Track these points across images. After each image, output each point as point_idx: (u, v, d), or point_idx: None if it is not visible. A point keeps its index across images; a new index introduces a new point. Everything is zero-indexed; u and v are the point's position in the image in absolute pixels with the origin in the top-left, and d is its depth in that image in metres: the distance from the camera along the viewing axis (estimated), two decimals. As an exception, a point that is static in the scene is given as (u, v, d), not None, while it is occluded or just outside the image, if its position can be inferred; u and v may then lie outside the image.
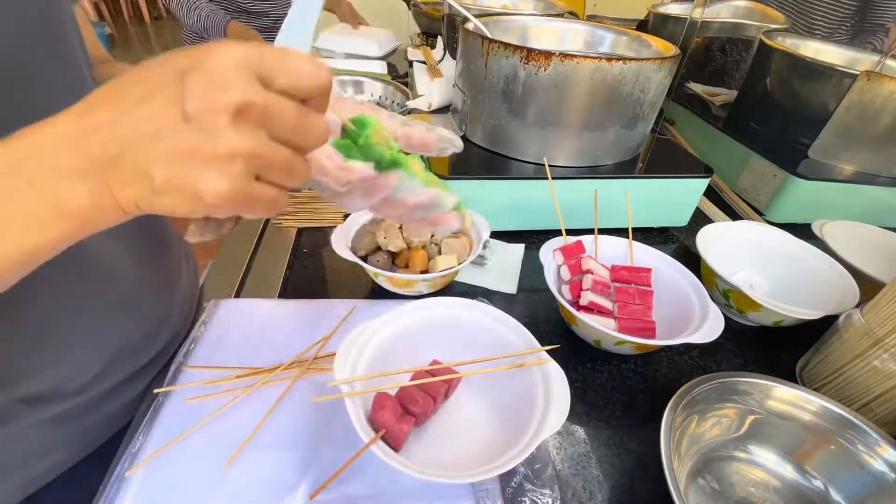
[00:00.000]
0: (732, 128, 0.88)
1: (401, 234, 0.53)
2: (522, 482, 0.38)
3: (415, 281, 0.52)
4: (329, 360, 0.45)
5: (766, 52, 0.85)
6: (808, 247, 0.60)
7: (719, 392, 0.42)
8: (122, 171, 0.21)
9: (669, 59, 0.61)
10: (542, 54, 0.57)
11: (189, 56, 0.21)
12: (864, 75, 0.67)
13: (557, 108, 0.61)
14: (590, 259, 0.54)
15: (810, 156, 0.76)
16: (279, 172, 0.23)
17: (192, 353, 0.46)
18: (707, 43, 1.06)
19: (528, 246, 0.67)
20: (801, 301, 0.52)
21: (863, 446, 0.40)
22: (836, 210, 0.74)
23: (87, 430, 0.42)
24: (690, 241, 0.72)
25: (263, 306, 0.52)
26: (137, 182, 0.21)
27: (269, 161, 0.22)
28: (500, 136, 0.67)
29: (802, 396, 0.42)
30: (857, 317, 0.45)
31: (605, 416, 0.46)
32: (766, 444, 0.43)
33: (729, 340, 0.55)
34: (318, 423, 0.41)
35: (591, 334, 0.49)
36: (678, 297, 0.52)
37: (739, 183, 0.83)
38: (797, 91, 0.80)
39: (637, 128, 0.66)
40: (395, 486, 0.37)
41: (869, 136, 0.73)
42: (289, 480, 0.36)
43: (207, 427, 0.39)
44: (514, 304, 0.58)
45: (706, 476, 0.41)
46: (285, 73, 0.22)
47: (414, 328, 0.44)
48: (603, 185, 0.64)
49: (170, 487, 0.36)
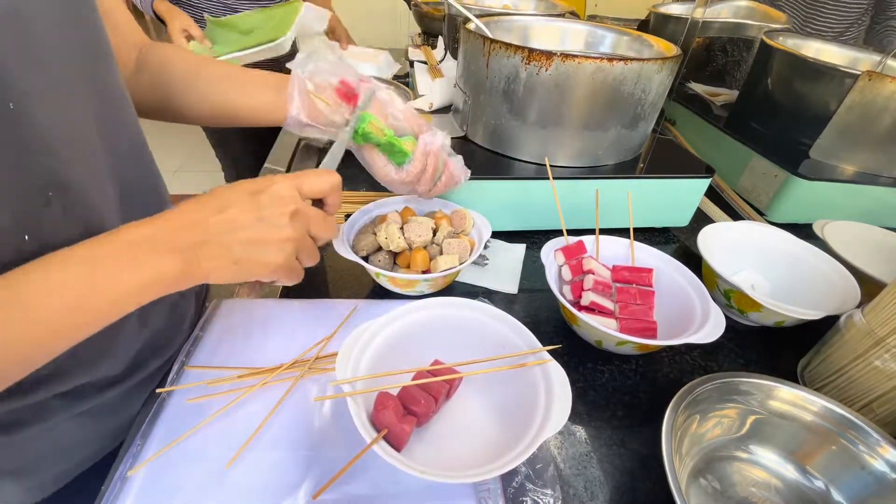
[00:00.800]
0: (733, 128, 0.88)
1: (402, 235, 0.53)
2: (524, 482, 0.38)
3: (416, 281, 0.52)
4: (330, 360, 0.46)
5: (768, 52, 0.85)
6: (809, 247, 0.60)
7: (721, 392, 0.42)
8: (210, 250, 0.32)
9: (670, 59, 0.61)
10: (543, 54, 0.57)
11: (254, 184, 0.35)
12: (866, 75, 0.67)
13: (558, 108, 0.61)
14: (591, 259, 0.54)
15: (811, 156, 0.76)
16: (306, 254, 0.38)
17: (193, 353, 0.46)
18: (708, 43, 1.06)
19: (530, 246, 0.67)
20: (803, 301, 0.52)
21: (864, 447, 0.40)
22: (838, 210, 0.74)
23: (115, 425, 0.44)
24: (691, 242, 0.72)
25: (265, 306, 0.52)
26: (221, 257, 0.33)
27: (304, 246, 0.37)
28: (501, 136, 0.67)
29: (804, 397, 0.42)
30: (858, 317, 0.45)
31: (607, 416, 0.46)
32: (768, 444, 0.43)
33: (730, 341, 0.55)
34: (320, 423, 0.41)
35: (593, 334, 0.49)
36: (679, 297, 0.52)
37: (740, 183, 0.83)
38: (798, 91, 0.80)
39: (638, 128, 0.66)
40: (397, 485, 0.37)
41: (870, 136, 0.73)
42: (290, 480, 0.37)
43: (209, 427, 0.39)
44: (515, 304, 0.58)
45: (707, 476, 0.41)
46: (310, 186, 0.38)
47: (415, 328, 0.44)
48: (604, 185, 0.64)
49: (172, 487, 0.36)
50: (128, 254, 0.30)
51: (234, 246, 0.33)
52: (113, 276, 0.29)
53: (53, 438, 0.40)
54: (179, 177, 2.63)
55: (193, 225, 0.32)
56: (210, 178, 2.58)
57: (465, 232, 0.58)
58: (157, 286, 0.31)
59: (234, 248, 0.33)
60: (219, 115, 0.50)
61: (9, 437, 0.37)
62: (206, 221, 0.33)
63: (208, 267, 0.32)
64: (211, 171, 2.65)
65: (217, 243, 0.32)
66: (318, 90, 0.48)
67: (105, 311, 0.29)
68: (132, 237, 0.30)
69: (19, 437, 0.37)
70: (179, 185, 2.55)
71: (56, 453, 0.41)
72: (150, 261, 0.30)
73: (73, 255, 0.29)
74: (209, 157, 1.50)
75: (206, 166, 2.69)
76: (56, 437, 0.40)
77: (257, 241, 0.34)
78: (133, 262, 0.30)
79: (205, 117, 0.50)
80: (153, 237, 0.31)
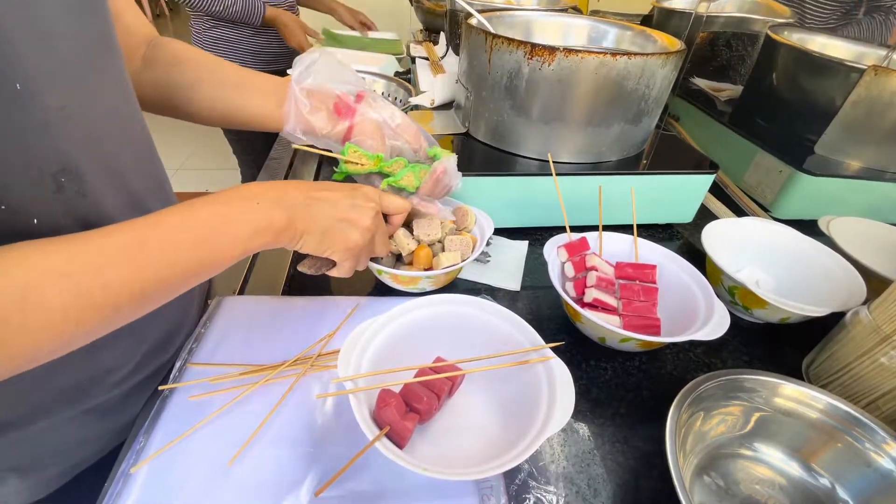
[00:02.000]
0: (738, 123, 0.87)
1: (411, 236, 0.53)
2: (527, 479, 0.38)
3: (418, 278, 0.51)
4: (333, 357, 0.45)
5: (772, 47, 0.84)
6: (814, 243, 0.59)
7: (726, 389, 0.41)
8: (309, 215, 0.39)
9: (674, 53, 0.61)
10: (546, 49, 0.57)
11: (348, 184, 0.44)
12: (872, 70, 0.67)
13: (561, 103, 0.61)
14: (594, 256, 0.53)
15: (817, 151, 0.76)
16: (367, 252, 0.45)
17: (195, 350, 0.46)
18: (712, 38, 1.05)
19: (532, 243, 0.67)
20: (807, 298, 0.51)
21: (870, 444, 0.39)
22: (843, 206, 0.73)
23: (119, 421, 0.44)
24: (695, 238, 0.71)
25: (267, 303, 0.52)
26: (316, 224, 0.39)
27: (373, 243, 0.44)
28: (503, 132, 0.67)
29: (809, 394, 0.42)
30: (864, 314, 0.45)
31: (610, 414, 0.46)
32: (773, 441, 0.43)
33: (734, 338, 0.55)
34: (323, 421, 0.41)
35: (596, 331, 0.48)
36: (683, 293, 0.52)
37: (745, 179, 0.82)
38: (803, 86, 0.80)
39: (642, 123, 0.66)
40: (400, 483, 0.37)
41: (876, 131, 0.72)
42: (293, 477, 0.36)
43: (211, 424, 0.39)
44: (518, 301, 0.58)
45: (711, 473, 0.41)
46: (389, 201, 0.47)
47: (417, 325, 0.44)
48: (607, 181, 0.64)
49: (174, 484, 0.36)
50: (249, 202, 0.35)
51: (327, 219, 0.40)
52: (239, 216, 0.34)
53: (57, 436, 0.40)
54: (181, 175, 2.64)
55: (300, 191, 0.39)
56: (210, 176, 2.59)
57: (467, 229, 0.57)
58: (265, 234, 0.35)
59: (328, 221, 0.40)
60: (219, 118, 0.50)
61: (13, 435, 0.37)
62: (310, 193, 0.39)
63: (303, 228, 0.38)
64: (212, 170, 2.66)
65: (314, 210, 0.39)
66: (313, 109, 0.48)
67: (227, 250, 0.34)
68: (248, 192, 0.36)
69: (23, 434, 0.38)
70: (179, 184, 2.56)
71: (59, 451, 0.41)
72: (266, 209, 0.36)
73: (207, 199, 0.34)
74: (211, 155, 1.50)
75: (207, 164, 2.70)
76: (59, 435, 0.40)
77: (347, 220, 0.41)
78: (255, 208, 0.35)
79: (205, 118, 0.50)
80: (267, 193, 0.37)
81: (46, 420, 0.38)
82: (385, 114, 0.50)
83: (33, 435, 0.38)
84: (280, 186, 0.38)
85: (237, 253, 0.34)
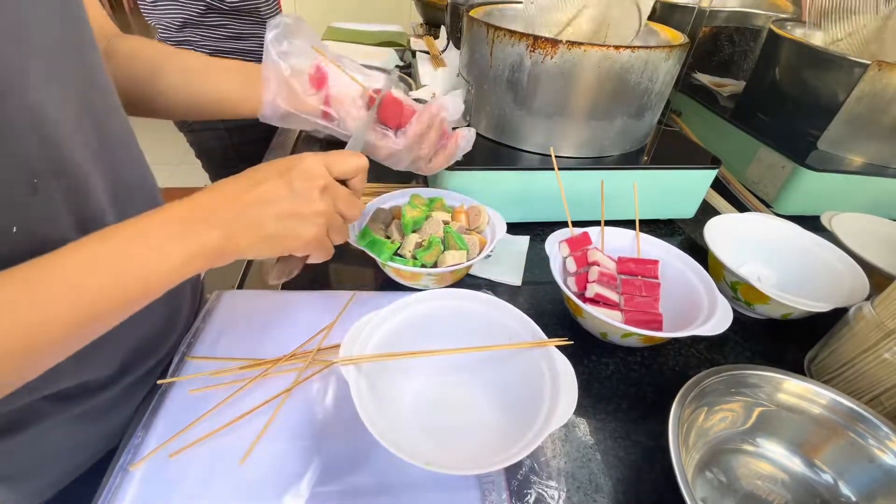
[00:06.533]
0: (740, 119, 0.87)
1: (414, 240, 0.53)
2: (528, 474, 0.38)
3: (420, 274, 0.51)
4: (333, 352, 0.45)
5: (775, 42, 0.84)
6: (817, 239, 0.59)
7: (728, 385, 0.41)
8: (246, 224, 0.33)
9: (678, 47, 0.60)
10: (548, 42, 0.56)
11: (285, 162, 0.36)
12: (875, 65, 0.66)
13: (564, 97, 0.60)
14: (596, 251, 0.53)
15: (819, 147, 0.75)
16: (336, 230, 0.39)
17: (194, 344, 0.46)
18: (715, 32, 1.04)
19: (534, 237, 0.66)
20: (810, 293, 0.51)
21: (873, 440, 0.39)
22: (846, 202, 0.73)
23: (111, 426, 0.43)
24: (697, 234, 0.71)
25: (266, 297, 0.52)
26: (256, 231, 0.34)
27: (333, 221, 0.38)
28: (505, 127, 0.66)
29: (812, 389, 0.41)
30: (867, 309, 0.45)
31: (612, 409, 0.45)
32: (775, 437, 0.42)
33: (736, 333, 0.55)
34: (323, 415, 0.41)
35: (598, 326, 0.48)
36: (685, 289, 0.52)
37: (747, 174, 0.82)
38: (806, 81, 0.79)
39: (644, 118, 0.65)
40: (402, 477, 0.36)
41: (879, 126, 0.71)
42: (293, 471, 0.36)
43: (211, 418, 0.39)
44: (519, 296, 0.58)
45: (713, 469, 0.40)
46: (338, 166, 0.38)
47: (419, 319, 0.44)
48: (609, 175, 0.64)
49: (173, 478, 0.35)
50: (171, 228, 0.31)
51: (267, 220, 0.34)
52: (159, 248, 0.30)
53: (46, 443, 0.39)
54: (181, 170, 2.62)
55: (229, 201, 0.33)
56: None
57: (478, 229, 0.57)
58: (199, 259, 0.31)
59: (268, 222, 0.34)
60: (184, 106, 0.48)
61: (1, 444, 0.36)
62: (241, 197, 0.34)
63: (245, 242, 0.33)
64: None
65: (251, 217, 0.33)
66: (294, 74, 0.46)
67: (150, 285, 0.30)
68: (172, 215, 0.31)
69: (11, 442, 0.37)
70: (179, 180, 2.55)
71: (50, 458, 0.40)
72: (192, 235, 0.31)
73: (118, 232, 0.29)
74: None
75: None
76: (49, 442, 0.39)
77: (290, 214, 0.35)
78: (177, 236, 0.31)
79: (171, 109, 0.48)
80: (192, 214, 0.32)
81: (32, 428, 0.37)
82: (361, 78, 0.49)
83: (21, 444, 0.37)
84: (205, 203, 0.33)
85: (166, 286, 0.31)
